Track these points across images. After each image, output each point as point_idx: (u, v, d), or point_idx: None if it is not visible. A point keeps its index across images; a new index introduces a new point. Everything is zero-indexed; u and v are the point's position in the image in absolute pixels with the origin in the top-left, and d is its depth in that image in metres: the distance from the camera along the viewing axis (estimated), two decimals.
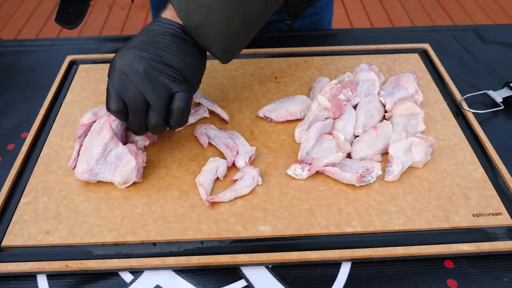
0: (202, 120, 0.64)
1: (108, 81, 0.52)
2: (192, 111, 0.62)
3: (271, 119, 0.64)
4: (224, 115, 0.64)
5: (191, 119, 0.63)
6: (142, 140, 0.58)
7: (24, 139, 0.62)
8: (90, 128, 0.55)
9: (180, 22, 0.52)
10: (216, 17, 0.50)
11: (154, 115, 0.51)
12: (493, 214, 0.52)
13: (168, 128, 0.55)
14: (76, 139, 0.56)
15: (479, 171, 0.57)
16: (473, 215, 0.52)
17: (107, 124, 0.54)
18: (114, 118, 0.54)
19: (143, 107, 0.51)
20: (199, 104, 0.64)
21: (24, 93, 0.71)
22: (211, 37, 0.51)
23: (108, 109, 0.52)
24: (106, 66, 0.73)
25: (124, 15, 2.49)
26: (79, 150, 0.56)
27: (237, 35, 0.53)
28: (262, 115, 0.64)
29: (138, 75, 0.49)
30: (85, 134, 0.56)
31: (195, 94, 0.58)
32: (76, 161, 0.56)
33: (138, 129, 0.54)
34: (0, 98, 0.70)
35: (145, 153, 0.56)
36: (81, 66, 0.74)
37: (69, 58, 0.75)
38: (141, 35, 0.53)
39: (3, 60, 0.79)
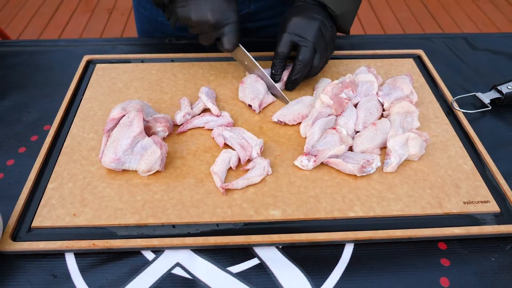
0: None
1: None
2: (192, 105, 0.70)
3: (285, 123, 0.68)
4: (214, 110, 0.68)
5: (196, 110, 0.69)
6: (162, 131, 0.62)
7: (47, 131, 0.67)
8: (119, 121, 0.59)
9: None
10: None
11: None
12: (481, 202, 0.57)
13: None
14: (105, 132, 0.60)
15: (469, 164, 0.62)
16: (464, 203, 0.57)
17: (137, 119, 0.58)
18: (142, 112, 0.59)
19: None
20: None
21: (43, 90, 0.76)
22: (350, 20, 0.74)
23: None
24: (122, 65, 0.79)
25: (123, 20, 2.53)
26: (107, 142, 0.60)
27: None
28: (276, 120, 0.68)
29: None
30: (114, 127, 0.60)
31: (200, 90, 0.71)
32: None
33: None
34: (21, 95, 0.75)
35: (167, 144, 0.60)
36: (98, 65, 0.78)
37: (86, 57, 0.80)
38: None
39: (22, 59, 0.83)
